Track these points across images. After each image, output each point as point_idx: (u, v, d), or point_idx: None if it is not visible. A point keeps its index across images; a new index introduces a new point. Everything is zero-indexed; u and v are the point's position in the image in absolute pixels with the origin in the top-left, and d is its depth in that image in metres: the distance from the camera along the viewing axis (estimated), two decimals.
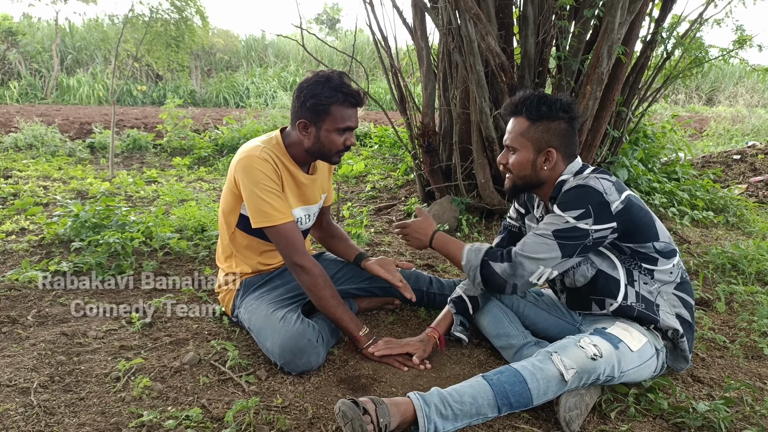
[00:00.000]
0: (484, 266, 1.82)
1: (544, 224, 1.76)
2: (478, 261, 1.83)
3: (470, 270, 1.85)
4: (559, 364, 1.59)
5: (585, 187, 1.72)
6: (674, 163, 5.30)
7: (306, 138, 2.01)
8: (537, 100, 1.79)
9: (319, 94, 1.92)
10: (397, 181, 5.05)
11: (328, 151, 2.02)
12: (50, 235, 3.13)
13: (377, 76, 14.89)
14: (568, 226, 1.70)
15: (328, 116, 1.95)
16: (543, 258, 1.73)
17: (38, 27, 15.99)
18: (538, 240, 1.74)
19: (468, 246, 1.90)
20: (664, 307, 1.81)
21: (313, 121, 1.97)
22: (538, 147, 1.80)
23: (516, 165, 1.84)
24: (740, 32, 4.06)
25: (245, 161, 1.97)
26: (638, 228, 1.76)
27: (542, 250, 1.73)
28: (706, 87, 18.42)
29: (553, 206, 1.78)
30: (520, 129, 1.82)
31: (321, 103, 1.92)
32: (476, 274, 1.83)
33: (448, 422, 1.54)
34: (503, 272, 1.77)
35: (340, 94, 1.93)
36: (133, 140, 7.25)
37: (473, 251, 1.87)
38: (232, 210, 2.11)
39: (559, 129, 1.80)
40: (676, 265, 1.84)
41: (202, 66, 16.49)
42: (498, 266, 1.78)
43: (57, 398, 1.67)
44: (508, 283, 1.77)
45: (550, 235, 1.72)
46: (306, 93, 1.94)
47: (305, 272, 1.97)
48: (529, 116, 1.80)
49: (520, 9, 3.62)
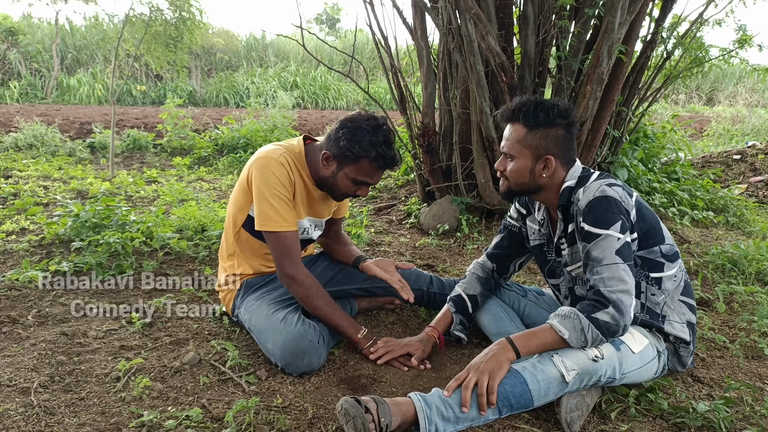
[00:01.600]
0: (593, 321, 1.60)
1: (600, 252, 1.64)
2: (584, 320, 1.61)
3: (585, 333, 1.60)
4: (560, 366, 1.59)
5: (606, 198, 1.67)
6: (674, 163, 5.29)
7: (324, 168, 2.01)
8: (534, 107, 1.75)
9: (357, 141, 1.90)
10: (397, 181, 5.05)
11: (337, 190, 2.04)
12: (50, 235, 3.13)
13: (377, 75, 14.90)
14: (622, 242, 1.64)
15: (355, 165, 1.94)
16: (630, 285, 1.62)
17: (38, 26, 15.99)
18: (614, 270, 1.62)
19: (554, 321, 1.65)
20: (673, 317, 1.80)
21: (339, 159, 1.96)
22: (537, 154, 1.76)
23: (514, 173, 1.80)
24: (742, 32, 4.06)
25: (262, 161, 1.97)
26: (647, 232, 1.76)
27: (625, 277, 1.62)
28: (706, 87, 18.43)
29: (578, 219, 1.71)
30: (518, 136, 1.78)
31: (354, 151, 1.91)
32: (593, 333, 1.60)
33: (449, 424, 1.53)
34: (613, 318, 1.59)
35: (376, 153, 1.91)
36: (134, 140, 7.25)
37: (567, 322, 1.62)
38: (241, 208, 2.10)
39: (557, 135, 1.76)
40: (679, 269, 1.84)
41: (202, 66, 16.49)
42: (604, 314, 1.60)
43: (57, 398, 1.67)
44: (620, 326, 1.60)
45: (617, 259, 1.63)
46: (346, 132, 1.92)
47: (296, 283, 1.97)
48: (527, 123, 1.76)
49: (520, 9, 3.62)
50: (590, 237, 1.67)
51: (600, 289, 1.62)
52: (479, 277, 2.14)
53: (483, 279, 2.14)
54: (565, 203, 1.78)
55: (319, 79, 16.13)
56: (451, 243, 3.57)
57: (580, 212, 1.71)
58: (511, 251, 2.13)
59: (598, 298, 1.62)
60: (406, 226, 3.93)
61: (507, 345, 1.64)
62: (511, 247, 2.13)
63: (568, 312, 1.65)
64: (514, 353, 1.62)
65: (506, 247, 2.13)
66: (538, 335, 1.65)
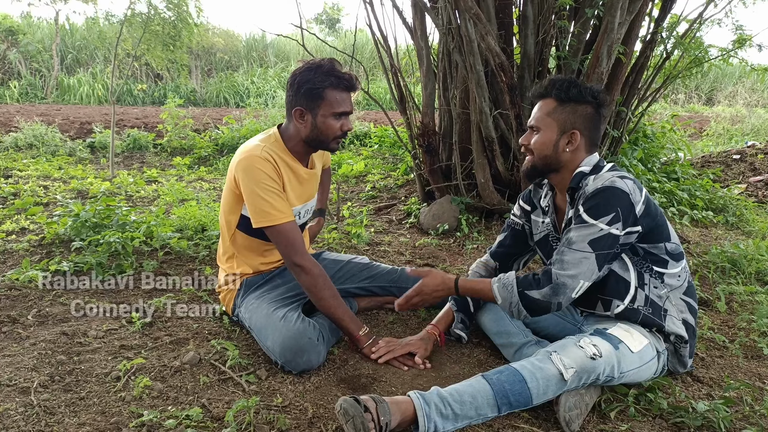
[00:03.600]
0: (523, 298, 1.74)
1: (576, 235, 1.70)
2: (515, 295, 1.75)
3: (512, 307, 1.77)
4: (558, 364, 1.59)
5: (612, 189, 1.68)
6: (674, 162, 5.29)
7: (303, 126, 2.02)
8: (568, 83, 1.79)
9: (312, 80, 1.94)
10: (397, 181, 5.05)
11: (325, 137, 2.03)
12: (50, 234, 3.13)
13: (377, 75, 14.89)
14: (602, 233, 1.67)
15: (323, 101, 1.96)
16: (583, 272, 1.69)
17: (38, 26, 16.01)
18: (577, 255, 1.69)
19: (495, 283, 1.81)
20: (672, 312, 1.81)
21: (309, 107, 1.98)
22: (563, 128, 1.79)
23: (538, 144, 1.82)
24: (740, 32, 4.06)
25: (246, 161, 1.97)
26: (653, 229, 1.77)
27: (582, 265, 1.68)
28: (705, 87, 18.42)
29: (578, 204, 1.74)
30: (548, 109, 1.81)
31: (315, 87, 1.94)
32: (519, 308, 1.75)
33: (448, 422, 1.54)
34: (545, 296, 1.70)
35: (333, 78, 1.95)
36: (134, 140, 7.26)
37: (504, 287, 1.78)
38: (232, 210, 2.11)
39: (585, 112, 1.80)
40: (683, 269, 1.84)
41: (202, 66, 16.50)
42: (537, 293, 1.71)
43: (57, 398, 1.67)
44: (552, 303, 1.70)
45: (587, 247, 1.68)
46: (299, 80, 1.96)
47: (305, 272, 1.97)
48: (558, 96, 1.79)
49: (519, 9, 3.62)
50: (579, 220, 1.72)
51: (552, 270, 1.72)
52: (482, 276, 2.15)
53: (486, 278, 2.14)
54: (574, 186, 1.80)
55: None
56: (450, 243, 3.57)
57: (584, 196, 1.74)
58: (515, 250, 2.15)
59: (543, 277, 1.72)
60: (405, 226, 3.93)
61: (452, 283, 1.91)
62: (514, 245, 2.14)
63: (508, 282, 1.79)
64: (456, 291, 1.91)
65: (509, 245, 2.15)
66: (481, 285, 1.86)
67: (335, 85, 1.95)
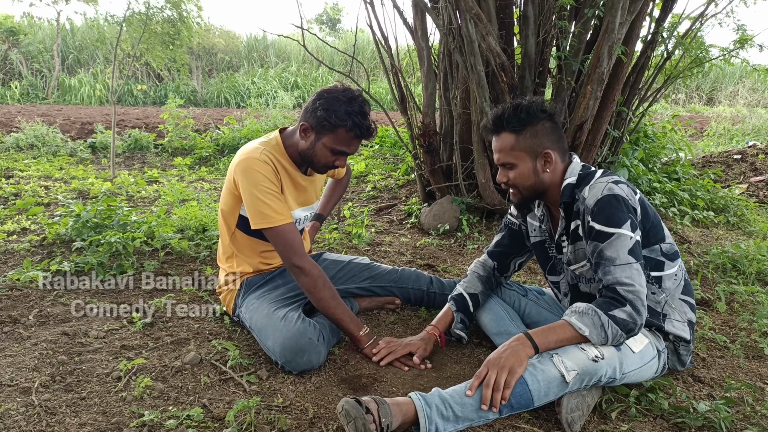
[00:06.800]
0: (615, 322, 1.61)
1: (613, 252, 1.64)
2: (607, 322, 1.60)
3: (615, 339, 1.62)
4: (560, 366, 1.59)
5: (616, 196, 1.67)
6: (675, 163, 5.29)
7: (303, 141, 2.03)
8: (513, 111, 1.76)
9: (334, 111, 1.92)
10: (398, 181, 5.05)
11: (317, 162, 2.04)
12: (51, 235, 3.13)
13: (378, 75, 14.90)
14: (633, 240, 1.65)
15: (332, 134, 1.96)
16: (643, 284, 1.63)
17: (39, 27, 16.01)
18: (628, 271, 1.62)
19: (573, 319, 1.65)
20: (674, 316, 1.80)
21: (316, 130, 1.98)
22: (534, 153, 1.78)
23: (519, 178, 1.81)
24: (741, 32, 4.05)
25: (245, 163, 1.98)
26: (649, 231, 1.76)
27: (639, 278, 1.63)
28: (706, 87, 18.41)
29: (585, 218, 1.71)
30: (509, 144, 1.79)
31: (330, 120, 1.92)
32: (620, 336, 1.62)
33: (449, 423, 1.54)
34: (630, 316, 1.60)
35: (352, 123, 1.92)
36: (135, 140, 7.26)
37: (586, 318, 1.63)
38: (231, 211, 2.12)
39: (545, 129, 1.78)
40: (679, 268, 1.84)
41: (203, 66, 16.50)
42: (621, 313, 1.60)
43: (58, 398, 1.67)
44: (637, 323, 1.61)
45: (630, 258, 1.63)
46: (323, 103, 1.94)
47: (304, 274, 1.97)
48: (513, 129, 1.77)
49: (520, 9, 3.62)
50: (602, 236, 1.67)
51: (616, 288, 1.62)
52: (480, 276, 2.15)
53: (484, 278, 2.14)
54: (567, 200, 1.79)
55: (320, 80, 16.14)
56: (451, 243, 3.57)
57: (588, 211, 1.71)
58: (512, 249, 2.14)
59: (615, 296, 1.62)
60: (406, 226, 3.93)
61: (526, 340, 1.63)
62: (511, 245, 2.13)
63: (585, 309, 1.64)
64: (533, 348, 1.62)
65: (507, 245, 2.14)
66: (557, 331, 1.65)
67: (350, 129, 1.94)
